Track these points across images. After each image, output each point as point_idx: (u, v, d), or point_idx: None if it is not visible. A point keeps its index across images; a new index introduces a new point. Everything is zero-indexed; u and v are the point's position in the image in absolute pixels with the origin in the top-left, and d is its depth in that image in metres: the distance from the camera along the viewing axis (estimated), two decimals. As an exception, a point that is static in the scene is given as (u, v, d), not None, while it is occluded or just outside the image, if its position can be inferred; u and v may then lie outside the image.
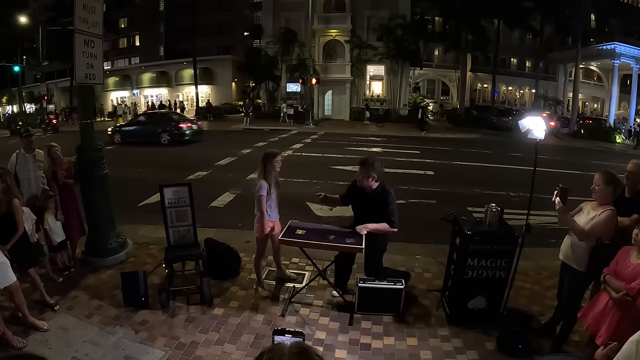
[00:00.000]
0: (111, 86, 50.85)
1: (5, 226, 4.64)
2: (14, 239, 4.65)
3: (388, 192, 4.97)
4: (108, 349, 4.27)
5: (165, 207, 5.60)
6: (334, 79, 36.55)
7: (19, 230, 4.71)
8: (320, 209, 8.89)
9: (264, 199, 5.26)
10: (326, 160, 16.33)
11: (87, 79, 6.03)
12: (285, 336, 1.30)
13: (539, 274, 6.16)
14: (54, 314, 4.90)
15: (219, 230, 7.47)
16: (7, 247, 4.59)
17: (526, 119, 4.63)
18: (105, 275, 5.98)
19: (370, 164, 4.84)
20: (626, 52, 34.65)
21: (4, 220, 4.63)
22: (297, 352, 1.02)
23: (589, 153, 22.19)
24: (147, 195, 9.80)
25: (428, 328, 4.80)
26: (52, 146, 6.34)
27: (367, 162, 4.87)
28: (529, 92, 45.67)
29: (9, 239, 4.61)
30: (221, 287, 5.66)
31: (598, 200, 4.08)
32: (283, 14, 37.30)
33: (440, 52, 43.41)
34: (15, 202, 4.73)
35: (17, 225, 4.69)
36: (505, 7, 32.24)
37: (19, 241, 4.71)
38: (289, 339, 1.28)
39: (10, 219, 4.65)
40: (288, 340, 1.26)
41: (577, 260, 4.15)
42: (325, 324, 4.90)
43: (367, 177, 4.86)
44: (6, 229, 4.63)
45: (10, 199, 4.68)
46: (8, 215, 4.65)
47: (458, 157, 17.31)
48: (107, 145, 20.11)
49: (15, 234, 4.66)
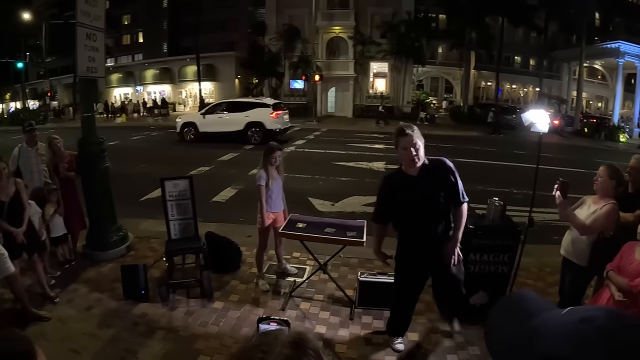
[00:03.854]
0: (114, 83, 50.87)
1: (15, 210, 4.72)
2: (25, 218, 4.77)
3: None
4: (107, 342, 4.26)
5: (166, 200, 5.57)
6: (337, 75, 36.58)
7: (25, 209, 4.81)
8: (322, 204, 8.87)
9: (262, 189, 5.26)
10: (329, 156, 16.33)
11: (89, 73, 6.03)
12: (270, 324, 1.28)
13: (541, 271, 6.12)
14: (53, 306, 4.88)
15: (220, 225, 7.44)
16: (24, 228, 4.72)
17: (529, 112, 4.60)
18: (106, 268, 5.97)
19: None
20: (631, 51, 34.45)
21: (12, 204, 4.70)
22: (291, 342, 0.95)
23: (592, 151, 22.09)
24: (149, 190, 9.78)
25: (430, 323, 4.77)
26: (53, 139, 6.34)
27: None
28: (532, 90, 45.46)
29: (21, 223, 4.72)
30: (221, 280, 5.64)
31: (599, 192, 4.03)
32: (286, 11, 37.36)
33: (444, 50, 43.18)
34: (19, 180, 4.92)
35: (23, 206, 4.80)
36: (510, 5, 32.04)
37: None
38: (274, 328, 1.25)
39: (18, 202, 4.75)
40: (273, 328, 1.22)
41: (578, 255, 4.11)
42: (326, 318, 4.87)
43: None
44: (17, 213, 4.73)
45: (13, 180, 4.82)
46: (15, 199, 4.74)
47: (461, 154, 17.23)
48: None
49: (24, 214, 4.78)
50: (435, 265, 3.93)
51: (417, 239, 3.84)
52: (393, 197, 3.82)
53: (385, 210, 3.95)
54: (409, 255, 3.94)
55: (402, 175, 3.76)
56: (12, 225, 4.65)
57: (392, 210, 3.88)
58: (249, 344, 0.96)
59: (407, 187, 3.70)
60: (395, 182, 3.82)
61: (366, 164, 14.61)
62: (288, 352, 0.92)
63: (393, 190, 3.82)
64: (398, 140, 3.63)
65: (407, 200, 3.72)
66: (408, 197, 3.70)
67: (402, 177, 3.76)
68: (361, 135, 23.50)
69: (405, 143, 3.56)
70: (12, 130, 23.83)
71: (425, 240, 3.82)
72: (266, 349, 0.92)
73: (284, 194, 5.71)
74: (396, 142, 3.64)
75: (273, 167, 5.38)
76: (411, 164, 3.63)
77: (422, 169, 3.67)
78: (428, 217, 3.77)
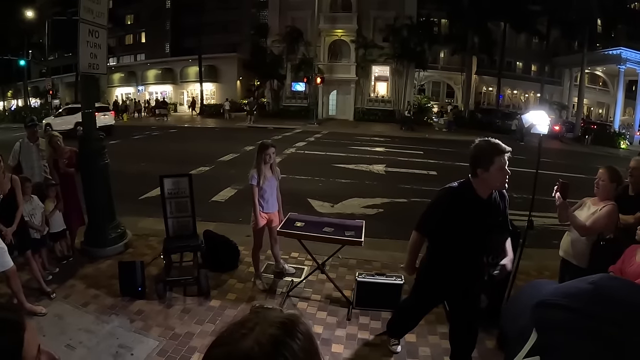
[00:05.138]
0: (116, 82, 50.99)
1: (9, 208, 4.70)
2: (17, 217, 4.73)
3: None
4: (102, 338, 4.24)
5: (165, 198, 5.55)
6: (338, 78, 36.64)
7: (19, 208, 4.79)
8: (322, 205, 8.86)
9: (253, 189, 5.28)
10: (329, 158, 16.33)
11: (90, 69, 6.06)
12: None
13: (540, 274, 6.10)
14: (50, 301, 4.87)
15: (219, 224, 7.43)
16: (14, 227, 4.69)
17: (529, 113, 4.60)
18: (104, 265, 5.96)
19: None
20: (632, 58, 34.54)
21: (6, 202, 4.69)
22: (280, 322, 0.88)
23: (592, 158, 22.09)
24: (148, 189, 9.78)
25: (427, 325, 4.74)
26: (53, 135, 6.36)
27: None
28: (534, 96, 45.43)
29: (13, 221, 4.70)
30: (219, 279, 5.63)
31: (600, 195, 4.04)
32: (289, 13, 37.43)
33: (445, 54, 43.22)
34: (15, 177, 4.85)
35: (17, 204, 4.77)
36: (512, 11, 32.16)
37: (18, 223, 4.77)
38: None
39: (12, 200, 4.72)
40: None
41: (577, 257, 4.10)
42: (323, 318, 4.86)
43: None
44: (11, 211, 4.71)
45: (9, 176, 4.78)
46: (10, 197, 4.71)
47: (461, 159, 17.21)
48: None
49: (17, 213, 4.75)
50: (461, 295, 3.63)
51: (459, 265, 3.47)
52: (454, 215, 3.33)
53: (438, 226, 3.45)
54: (443, 276, 3.57)
55: (473, 196, 3.30)
56: (4, 223, 4.64)
57: (446, 227, 3.40)
58: (237, 320, 0.91)
59: (475, 210, 3.29)
60: (462, 200, 3.33)
61: (366, 167, 14.63)
62: (273, 332, 0.85)
63: (457, 208, 3.32)
64: (493, 158, 3.14)
65: (471, 224, 3.32)
66: (473, 220, 3.31)
67: (473, 197, 3.30)
68: (362, 138, 23.52)
69: (503, 162, 3.13)
70: (14, 127, 23.88)
71: (467, 267, 3.50)
72: (252, 326, 0.87)
73: (279, 194, 5.70)
74: (488, 161, 3.15)
75: (267, 165, 5.37)
76: (500, 187, 3.29)
77: (492, 193, 3.36)
78: (482, 244, 3.51)
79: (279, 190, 5.67)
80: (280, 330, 0.86)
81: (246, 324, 0.88)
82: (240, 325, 0.88)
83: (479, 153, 3.20)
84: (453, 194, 3.39)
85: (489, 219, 3.34)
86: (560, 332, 0.66)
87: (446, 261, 3.50)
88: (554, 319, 0.68)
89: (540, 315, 0.71)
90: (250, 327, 0.87)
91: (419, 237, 3.61)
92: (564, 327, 0.66)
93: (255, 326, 0.87)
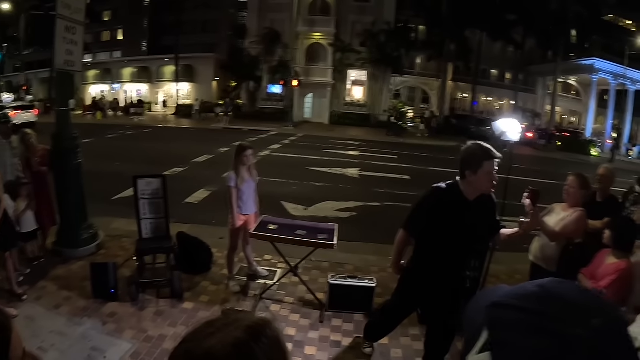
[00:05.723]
0: (91, 79, 50.17)
1: None
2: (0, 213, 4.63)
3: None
4: (75, 340, 4.22)
5: (138, 199, 5.52)
6: (315, 82, 36.71)
7: (1, 204, 4.67)
8: (295, 208, 8.91)
9: (231, 190, 5.32)
10: (304, 161, 16.38)
11: (66, 66, 5.97)
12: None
13: (511, 278, 6.22)
14: (21, 303, 4.81)
15: (192, 226, 7.40)
16: None
17: (500, 121, 4.70)
18: (76, 266, 5.89)
19: None
20: (604, 68, 35.53)
21: None
22: (247, 326, 0.88)
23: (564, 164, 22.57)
24: (122, 189, 9.68)
25: (399, 327, 4.81)
26: (26, 133, 6.25)
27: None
28: (508, 103, 46.25)
29: None
30: (192, 281, 5.63)
31: (570, 202, 4.18)
32: (268, 15, 37.44)
33: (422, 60, 43.71)
34: None
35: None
36: (489, 19, 32.70)
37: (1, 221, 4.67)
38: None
39: None
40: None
41: (547, 261, 4.25)
42: (296, 321, 4.91)
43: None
44: None
45: None
46: None
47: (435, 164, 17.44)
48: None
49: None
50: (443, 299, 3.54)
51: (443, 268, 3.45)
52: (440, 216, 3.36)
53: (425, 226, 3.47)
54: (427, 280, 3.55)
55: (459, 197, 3.33)
56: None
57: (432, 228, 3.41)
58: (207, 320, 0.92)
59: (460, 211, 3.31)
60: (448, 201, 3.36)
61: (340, 170, 14.71)
62: (238, 334, 0.85)
63: (443, 208, 3.36)
64: (482, 163, 3.17)
65: (456, 225, 3.31)
66: (459, 221, 3.31)
67: (459, 198, 3.33)
68: (337, 142, 23.62)
69: (491, 167, 3.18)
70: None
71: (451, 270, 3.47)
72: (220, 327, 0.87)
73: (257, 197, 5.74)
74: (478, 164, 3.18)
75: (245, 167, 5.41)
76: (487, 191, 3.33)
77: (479, 196, 3.36)
78: (467, 247, 3.48)
79: (257, 193, 5.71)
80: (245, 334, 0.86)
81: (215, 324, 0.89)
82: (209, 325, 0.89)
83: (469, 156, 3.24)
84: (438, 194, 3.43)
85: (474, 220, 3.34)
86: (510, 330, 0.74)
87: (431, 263, 3.50)
88: (504, 317, 0.76)
89: (492, 315, 0.78)
90: (218, 327, 0.88)
91: (404, 236, 3.64)
92: (513, 325, 0.74)
93: (223, 327, 0.87)
